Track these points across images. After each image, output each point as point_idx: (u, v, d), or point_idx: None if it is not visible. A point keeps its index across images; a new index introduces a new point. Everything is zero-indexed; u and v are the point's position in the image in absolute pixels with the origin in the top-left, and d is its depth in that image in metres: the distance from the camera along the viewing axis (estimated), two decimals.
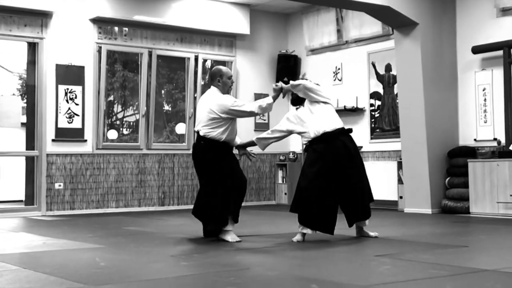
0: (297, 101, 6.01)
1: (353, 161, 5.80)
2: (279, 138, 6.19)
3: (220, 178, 5.86)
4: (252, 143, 6.21)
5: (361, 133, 10.34)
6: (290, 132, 6.09)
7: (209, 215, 5.92)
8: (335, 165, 5.69)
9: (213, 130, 5.86)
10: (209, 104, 5.91)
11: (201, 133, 5.92)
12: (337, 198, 5.77)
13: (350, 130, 5.96)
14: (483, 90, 8.98)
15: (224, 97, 5.94)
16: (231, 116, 5.88)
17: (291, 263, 4.61)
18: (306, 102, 5.93)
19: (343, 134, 5.83)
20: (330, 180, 5.67)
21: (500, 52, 8.68)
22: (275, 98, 5.93)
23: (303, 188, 5.69)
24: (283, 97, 6.05)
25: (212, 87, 6.07)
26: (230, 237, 5.80)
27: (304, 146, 6.03)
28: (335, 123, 5.82)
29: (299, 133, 6.01)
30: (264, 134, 6.18)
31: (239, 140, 6.27)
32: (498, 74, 8.80)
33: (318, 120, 5.79)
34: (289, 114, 6.08)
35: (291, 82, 5.92)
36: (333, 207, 5.71)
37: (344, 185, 5.76)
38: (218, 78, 6.02)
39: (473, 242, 5.82)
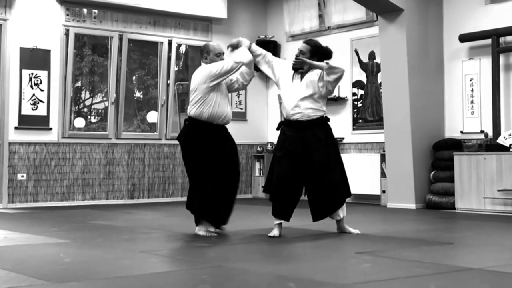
0: (301, 67, 5.86)
1: (327, 153, 5.77)
2: (263, 61, 6.01)
3: (200, 168, 5.80)
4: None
5: (342, 123, 10.36)
6: (268, 67, 5.99)
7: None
8: (303, 154, 5.71)
9: (197, 107, 5.80)
10: (195, 82, 5.87)
11: (187, 113, 5.94)
12: (302, 186, 5.80)
13: (327, 119, 5.93)
14: (470, 80, 9.03)
15: (206, 67, 5.87)
16: (219, 78, 5.77)
17: (267, 260, 4.60)
18: (306, 77, 5.81)
19: (318, 124, 5.80)
20: (296, 168, 5.70)
21: (489, 41, 8.72)
22: (248, 46, 5.92)
23: (275, 175, 5.75)
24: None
25: (202, 63, 6.05)
26: (202, 231, 5.81)
27: (279, 122, 6.01)
28: (313, 112, 5.79)
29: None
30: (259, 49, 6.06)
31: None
32: (486, 63, 8.85)
33: (296, 101, 5.74)
34: (284, 64, 5.98)
35: (328, 62, 5.78)
36: (296, 194, 5.77)
37: (313, 178, 5.76)
38: (205, 54, 5.99)
39: (459, 239, 5.86)
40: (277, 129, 6.01)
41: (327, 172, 5.75)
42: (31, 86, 9.52)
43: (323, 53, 5.90)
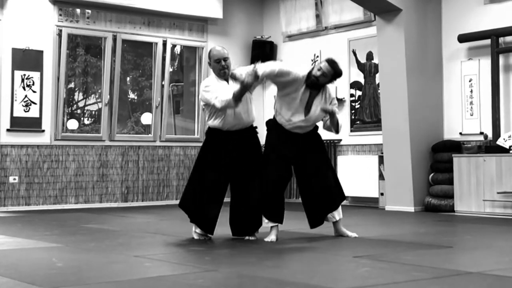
0: (315, 86, 5.73)
1: (318, 159, 5.83)
2: (269, 79, 5.73)
3: (200, 172, 5.79)
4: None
5: None
6: (273, 82, 5.76)
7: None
8: (296, 158, 5.78)
9: (208, 116, 5.82)
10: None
11: None
12: (286, 186, 5.84)
13: (316, 127, 5.96)
14: (470, 81, 9.04)
15: (203, 85, 5.77)
16: (207, 105, 5.72)
17: (263, 264, 4.58)
18: (317, 106, 5.74)
19: (309, 132, 5.85)
20: (289, 171, 5.77)
21: (488, 41, 8.73)
22: (237, 94, 5.45)
23: (269, 176, 5.74)
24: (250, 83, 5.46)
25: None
26: (197, 235, 5.79)
27: (269, 121, 5.95)
28: (310, 127, 5.81)
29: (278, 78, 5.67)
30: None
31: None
32: (485, 64, 8.85)
33: (300, 123, 5.73)
34: (293, 73, 5.64)
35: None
36: (283, 195, 5.84)
37: (307, 183, 5.83)
38: (208, 61, 5.91)
39: (458, 243, 5.85)
40: (267, 129, 5.97)
41: (320, 177, 5.81)
42: (24, 88, 9.49)
43: (337, 75, 5.79)
